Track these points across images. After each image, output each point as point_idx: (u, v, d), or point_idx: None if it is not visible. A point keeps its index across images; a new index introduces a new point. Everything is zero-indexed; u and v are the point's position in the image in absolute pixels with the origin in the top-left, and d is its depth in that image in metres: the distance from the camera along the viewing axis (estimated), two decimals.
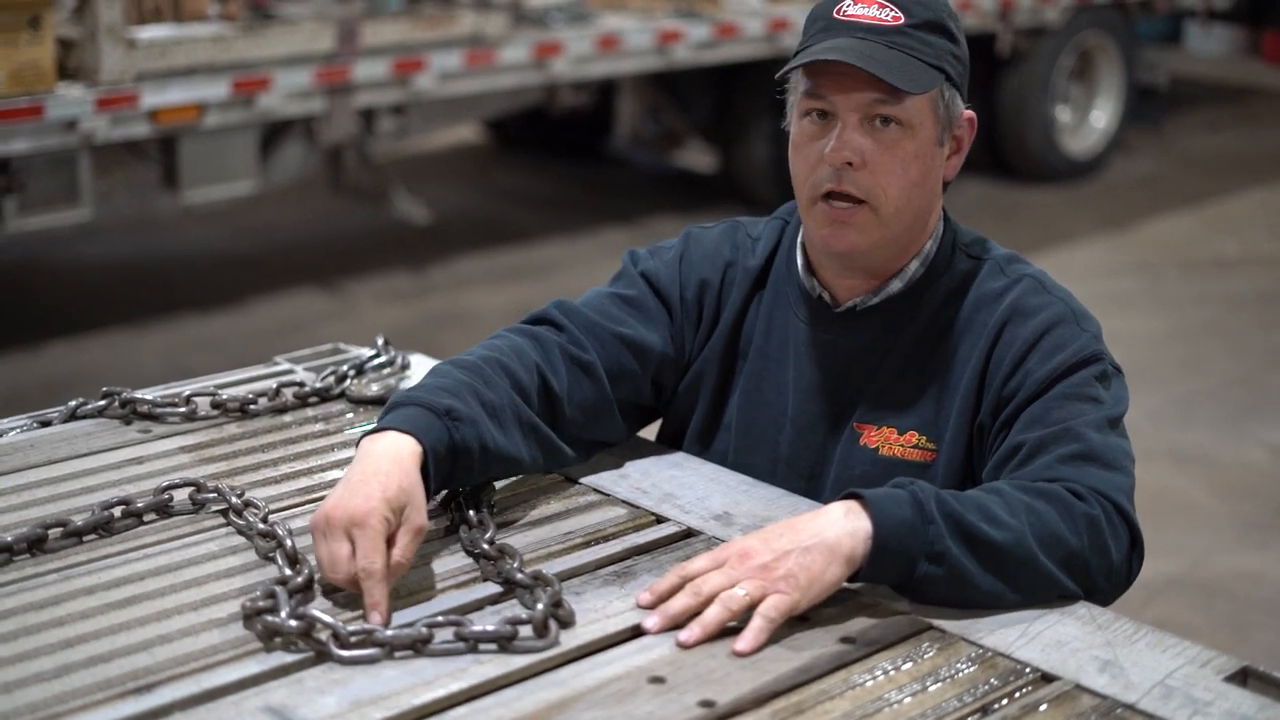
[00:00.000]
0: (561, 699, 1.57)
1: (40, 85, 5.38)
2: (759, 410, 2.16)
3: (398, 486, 1.77)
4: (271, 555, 1.83)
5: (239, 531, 1.92)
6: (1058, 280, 2.09)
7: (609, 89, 8.24)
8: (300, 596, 1.71)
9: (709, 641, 1.67)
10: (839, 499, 1.78)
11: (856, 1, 1.99)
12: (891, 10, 1.98)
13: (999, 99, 8.93)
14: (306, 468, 2.13)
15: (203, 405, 2.30)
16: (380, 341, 2.50)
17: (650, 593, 1.75)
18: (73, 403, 2.30)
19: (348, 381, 2.39)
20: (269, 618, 1.64)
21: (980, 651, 1.69)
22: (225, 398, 2.30)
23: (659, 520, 2.00)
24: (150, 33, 5.79)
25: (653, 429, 2.30)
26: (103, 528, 1.92)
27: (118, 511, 1.93)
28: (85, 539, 1.90)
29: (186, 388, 2.37)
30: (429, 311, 6.81)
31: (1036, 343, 1.98)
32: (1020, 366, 1.97)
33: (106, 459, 2.16)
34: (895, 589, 1.78)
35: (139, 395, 2.30)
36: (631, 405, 2.19)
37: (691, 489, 2.08)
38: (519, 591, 1.77)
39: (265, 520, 1.90)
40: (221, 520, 1.95)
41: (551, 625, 1.67)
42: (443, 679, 1.59)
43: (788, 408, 2.13)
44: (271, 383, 2.37)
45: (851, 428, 2.08)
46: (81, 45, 5.60)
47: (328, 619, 1.64)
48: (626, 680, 1.60)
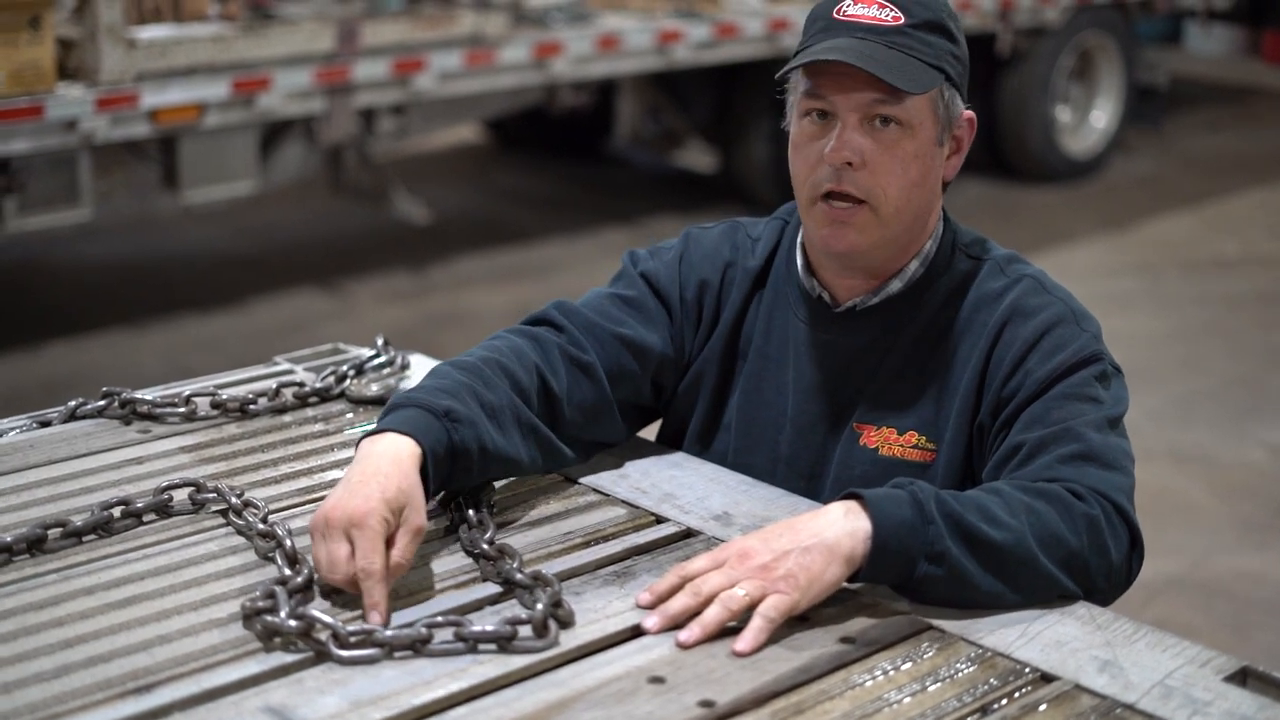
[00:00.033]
0: (561, 699, 1.57)
1: (40, 85, 5.38)
2: (759, 410, 2.16)
3: (397, 487, 1.77)
4: (271, 555, 1.83)
5: (239, 531, 1.92)
6: (1058, 280, 2.09)
7: (609, 89, 8.24)
8: (300, 596, 1.71)
9: (709, 641, 1.67)
10: (838, 499, 1.78)
11: (856, 1, 1.99)
12: (891, 10, 1.98)
13: (999, 99, 8.92)
14: (306, 468, 2.13)
15: (202, 405, 2.30)
16: (380, 342, 2.50)
17: (650, 593, 1.75)
18: (72, 403, 2.30)
19: (347, 381, 2.39)
20: (269, 618, 1.64)
21: (980, 651, 1.69)
22: (225, 398, 2.30)
23: (659, 520, 2.00)
24: (150, 33, 5.79)
25: (653, 429, 2.30)
26: (102, 528, 1.91)
27: (117, 512, 1.93)
28: (85, 539, 1.90)
29: (186, 388, 2.37)
30: (429, 311, 6.81)
31: (1036, 343, 1.98)
32: (1020, 366, 1.97)
33: (106, 459, 2.16)
34: (895, 589, 1.78)
35: (139, 395, 2.30)
36: (631, 406, 2.18)
37: (691, 489, 2.08)
38: (518, 592, 1.77)
39: (265, 520, 1.90)
40: (221, 520, 1.95)
41: (551, 625, 1.67)
42: (442, 679, 1.59)
43: (787, 408, 2.13)
44: (271, 383, 2.37)
45: (851, 428, 2.08)
46: (81, 45, 5.60)
47: (327, 619, 1.64)
48: (626, 680, 1.60)
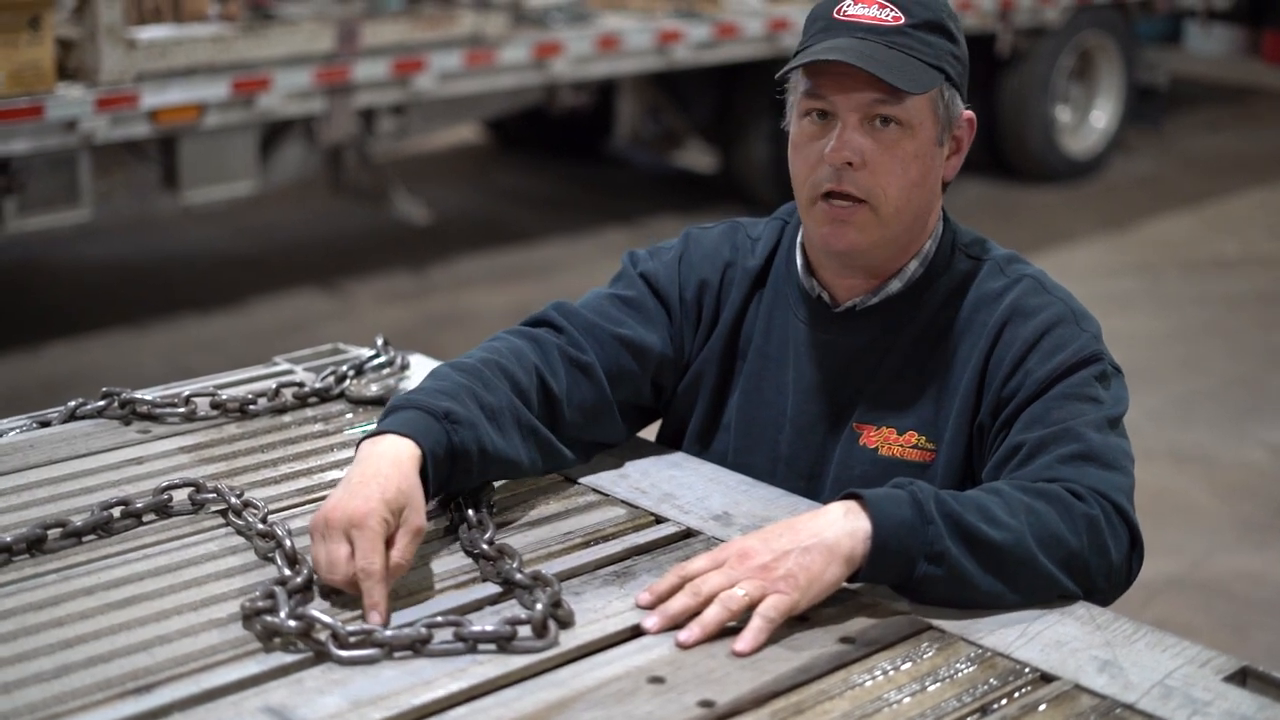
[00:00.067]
0: (561, 699, 1.57)
1: (40, 85, 5.38)
2: (758, 410, 2.16)
3: (396, 488, 1.77)
4: (271, 555, 1.83)
5: (238, 532, 1.92)
6: (1058, 280, 2.09)
7: (609, 89, 8.24)
8: (299, 597, 1.71)
9: (708, 641, 1.67)
10: (838, 499, 1.78)
11: (857, 1, 1.99)
12: (892, 10, 1.98)
13: (999, 99, 8.92)
14: (306, 468, 2.13)
15: (202, 405, 2.30)
16: (380, 342, 2.50)
17: (650, 593, 1.75)
18: (72, 403, 2.30)
19: (347, 382, 2.39)
20: (268, 618, 1.64)
21: (979, 651, 1.69)
22: (225, 398, 2.30)
23: (658, 520, 2.00)
24: (150, 33, 5.79)
25: (652, 429, 2.30)
26: (102, 528, 1.91)
27: (117, 512, 1.93)
28: (84, 539, 1.90)
29: (186, 388, 2.37)
30: (429, 312, 6.80)
31: (1036, 343, 1.98)
32: (1020, 366, 1.97)
33: (106, 459, 2.16)
34: (895, 589, 1.78)
35: (138, 395, 2.30)
36: (631, 406, 2.18)
37: (691, 489, 2.08)
38: (518, 592, 1.77)
39: (264, 520, 1.90)
40: (221, 520, 1.95)
41: (551, 625, 1.67)
42: (442, 679, 1.59)
43: (787, 408, 2.13)
44: (271, 383, 2.37)
45: (851, 428, 2.08)
46: (81, 45, 5.60)
47: (327, 619, 1.64)
48: (626, 680, 1.60)
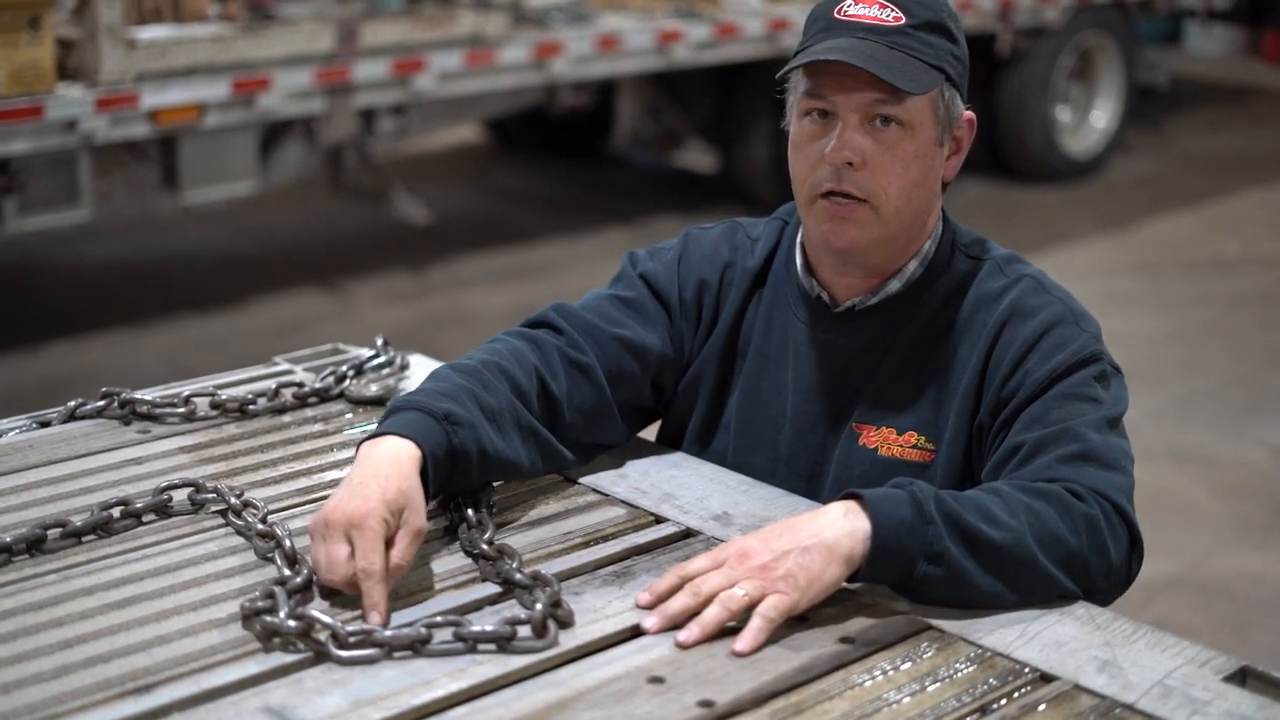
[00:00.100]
0: (560, 699, 1.57)
1: (40, 85, 5.38)
2: (758, 410, 2.16)
3: (396, 489, 1.77)
4: (270, 555, 1.83)
5: (238, 532, 1.92)
6: (1057, 280, 2.09)
7: (609, 89, 8.24)
8: (299, 597, 1.71)
9: (708, 641, 1.67)
10: (838, 499, 1.78)
11: (857, 1, 1.99)
12: (892, 10, 1.98)
13: (999, 99, 8.92)
14: (305, 468, 2.13)
15: (202, 406, 2.30)
16: (380, 342, 2.50)
17: (649, 593, 1.75)
18: (72, 403, 2.30)
19: (347, 382, 2.39)
20: (268, 618, 1.64)
21: (979, 651, 1.69)
22: (224, 398, 2.30)
23: (658, 520, 2.00)
24: (150, 33, 5.79)
25: (652, 429, 2.30)
26: (102, 528, 1.91)
27: (117, 512, 1.93)
28: (84, 539, 1.90)
29: (185, 388, 2.37)
30: (429, 312, 6.80)
31: (1036, 343, 1.98)
32: (1020, 367, 1.97)
33: (105, 459, 2.16)
34: (894, 589, 1.78)
35: (138, 396, 2.30)
36: (632, 407, 2.18)
37: (691, 489, 2.08)
38: (518, 592, 1.77)
39: (264, 521, 1.90)
40: (220, 521, 1.95)
41: (550, 625, 1.67)
42: (442, 679, 1.59)
43: (787, 408, 2.13)
44: (271, 383, 2.37)
45: (850, 428, 2.08)
46: (81, 45, 5.60)
47: (326, 619, 1.64)
48: (625, 680, 1.60)
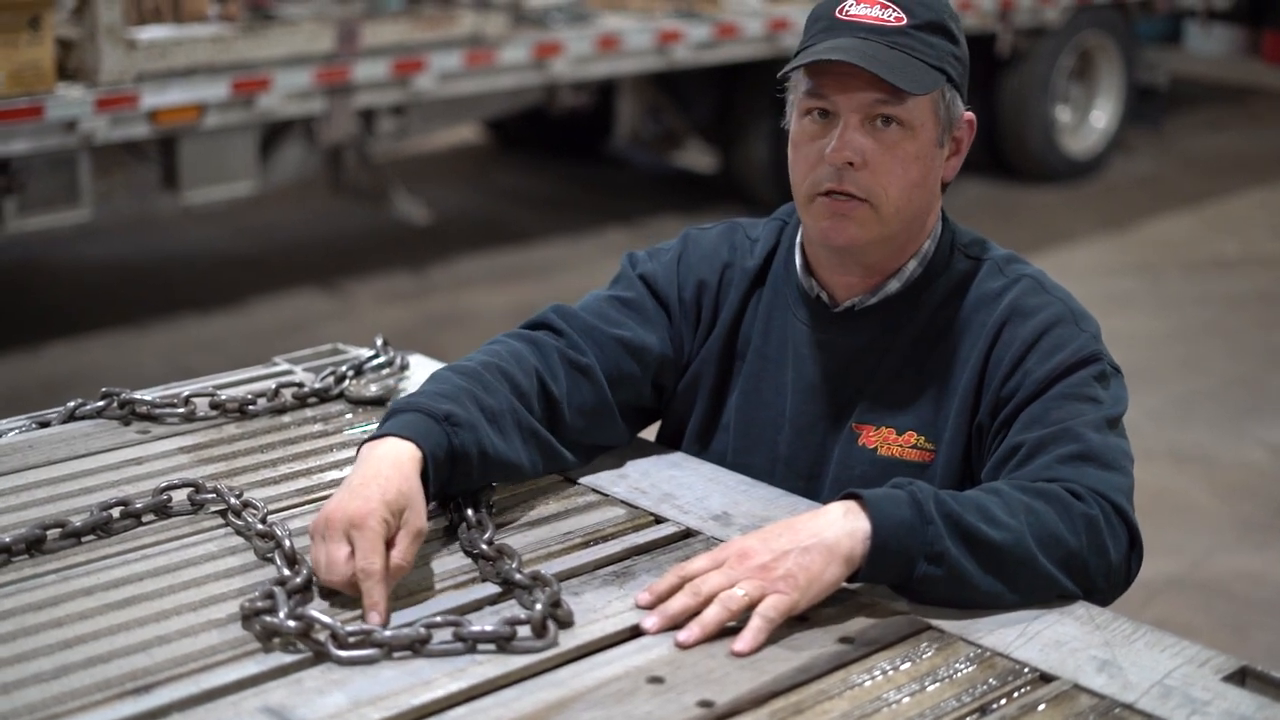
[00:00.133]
0: (560, 699, 1.57)
1: (40, 86, 5.38)
2: (757, 410, 2.16)
3: (397, 490, 1.77)
4: (270, 556, 1.83)
5: (238, 532, 1.92)
6: (1057, 280, 2.09)
7: (609, 89, 8.24)
8: (299, 597, 1.71)
9: (708, 641, 1.67)
10: (838, 499, 1.78)
11: (859, 1, 1.99)
12: (894, 11, 1.97)
13: (999, 99, 8.92)
14: (305, 468, 2.13)
15: (201, 406, 2.30)
16: (379, 342, 2.50)
17: (649, 593, 1.75)
18: (71, 403, 2.30)
19: (346, 382, 2.39)
20: (267, 618, 1.64)
21: (979, 651, 1.69)
22: (224, 398, 2.30)
23: (658, 520, 2.00)
24: (150, 33, 5.79)
25: (652, 429, 2.30)
26: (101, 528, 1.91)
27: (116, 512, 1.93)
28: (84, 540, 1.90)
29: (185, 388, 2.37)
30: (429, 312, 6.80)
31: (1035, 343, 1.98)
32: (1019, 366, 1.97)
33: (105, 460, 2.16)
34: (894, 589, 1.78)
35: (138, 396, 2.30)
36: (632, 408, 2.18)
37: (690, 489, 2.08)
38: (517, 592, 1.77)
39: (264, 521, 1.90)
40: (220, 521, 1.95)
41: (550, 625, 1.67)
42: (441, 679, 1.59)
43: (786, 408, 2.13)
44: (270, 383, 2.37)
45: (850, 428, 2.08)
46: (81, 45, 5.60)
47: (326, 619, 1.64)
48: (625, 680, 1.60)
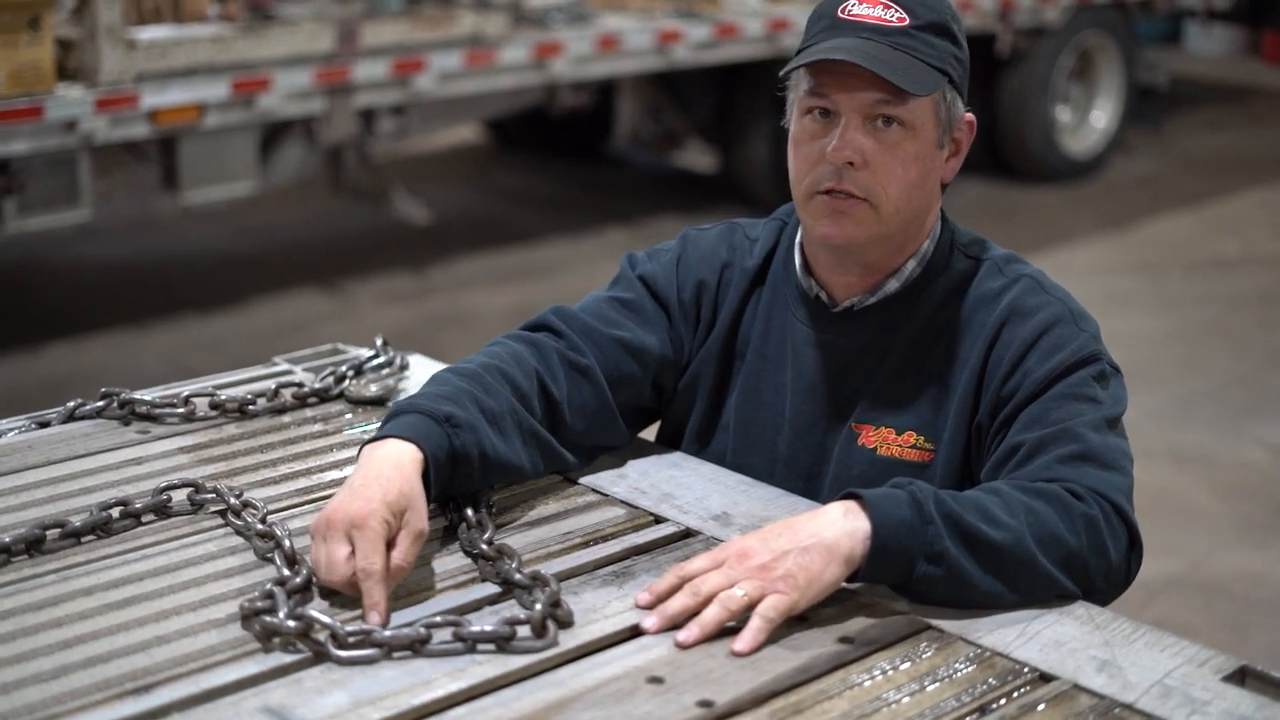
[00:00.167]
0: (560, 699, 1.57)
1: (40, 86, 5.38)
2: (757, 411, 2.16)
3: (398, 491, 1.77)
4: (270, 556, 1.83)
5: (237, 532, 1.92)
6: (1057, 280, 2.09)
7: (609, 89, 8.24)
8: (298, 597, 1.71)
9: (707, 641, 1.67)
10: (837, 499, 1.78)
11: (861, 1, 1.99)
12: (896, 11, 1.98)
13: (999, 99, 8.92)
14: (305, 468, 2.13)
15: (201, 406, 2.30)
16: (379, 342, 2.50)
17: (649, 593, 1.75)
18: (71, 403, 2.30)
19: (346, 382, 2.39)
20: (267, 618, 1.64)
21: (978, 651, 1.69)
22: (224, 398, 2.30)
23: (657, 520, 2.00)
24: (150, 33, 5.79)
25: (652, 429, 2.30)
26: (101, 528, 1.91)
27: (116, 512, 1.93)
28: (83, 540, 1.90)
29: (185, 388, 2.36)
30: (429, 312, 6.80)
31: (1035, 343, 1.98)
32: (1019, 366, 1.97)
33: (105, 460, 2.16)
34: (894, 589, 1.78)
35: (137, 396, 2.30)
36: (633, 408, 2.18)
37: (690, 489, 2.08)
38: (517, 592, 1.77)
39: (264, 521, 1.90)
40: (220, 521, 1.95)
41: (550, 625, 1.67)
42: (441, 679, 1.59)
43: (786, 408, 2.13)
44: (270, 383, 2.37)
45: (849, 428, 2.08)
46: (81, 46, 5.60)
47: (326, 619, 1.64)
48: (625, 680, 1.60)
